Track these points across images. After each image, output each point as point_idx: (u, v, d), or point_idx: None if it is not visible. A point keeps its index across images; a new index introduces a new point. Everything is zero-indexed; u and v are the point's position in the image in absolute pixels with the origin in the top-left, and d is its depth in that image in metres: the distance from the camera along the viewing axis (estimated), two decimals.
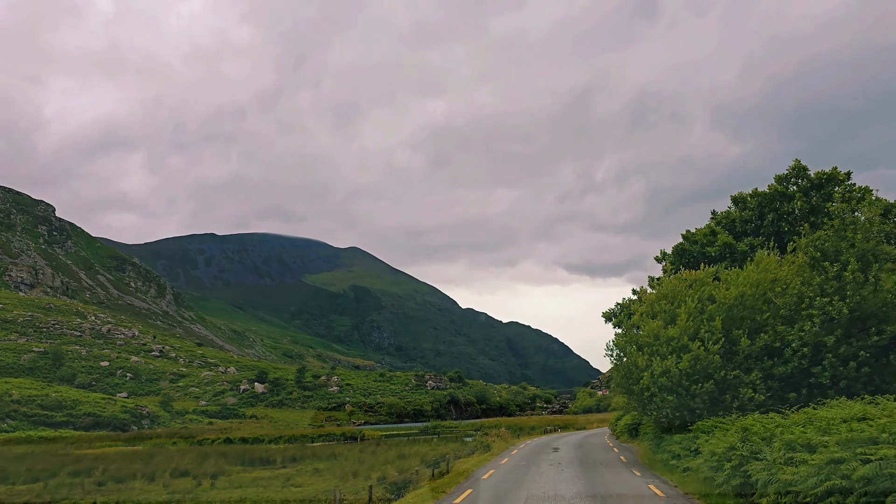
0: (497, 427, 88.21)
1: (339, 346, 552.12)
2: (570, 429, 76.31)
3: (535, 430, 78.20)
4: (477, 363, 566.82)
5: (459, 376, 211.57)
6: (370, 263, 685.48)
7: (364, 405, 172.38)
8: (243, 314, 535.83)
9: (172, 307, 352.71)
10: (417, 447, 51.84)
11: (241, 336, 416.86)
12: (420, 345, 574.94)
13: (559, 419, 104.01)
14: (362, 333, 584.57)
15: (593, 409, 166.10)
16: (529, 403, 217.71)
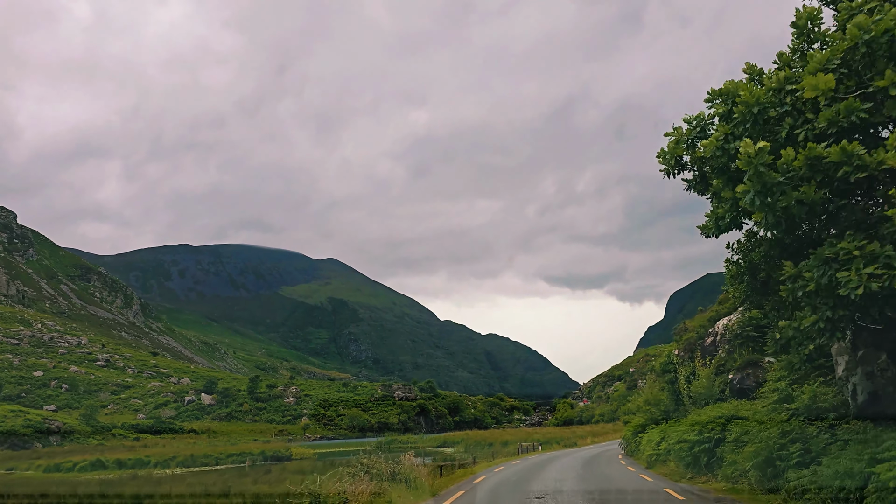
0: (460, 443, 70.94)
1: (315, 359, 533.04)
2: (555, 446, 59.13)
3: (509, 445, 61.12)
4: (455, 376, 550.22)
5: (431, 387, 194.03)
6: (348, 275, 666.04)
7: (324, 418, 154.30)
8: (218, 327, 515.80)
9: (140, 318, 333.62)
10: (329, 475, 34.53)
11: (212, 348, 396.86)
12: (398, 357, 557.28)
13: (538, 432, 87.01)
14: (339, 346, 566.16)
15: (575, 422, 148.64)
16: (506, 415, 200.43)
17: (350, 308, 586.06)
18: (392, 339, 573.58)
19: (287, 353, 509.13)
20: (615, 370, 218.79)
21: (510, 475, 30.15)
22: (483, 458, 46.55)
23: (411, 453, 26.07)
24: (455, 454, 63.49)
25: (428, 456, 62.71)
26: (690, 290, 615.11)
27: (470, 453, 62.51)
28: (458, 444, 72.77)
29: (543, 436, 70.63)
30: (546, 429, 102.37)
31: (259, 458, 64.08)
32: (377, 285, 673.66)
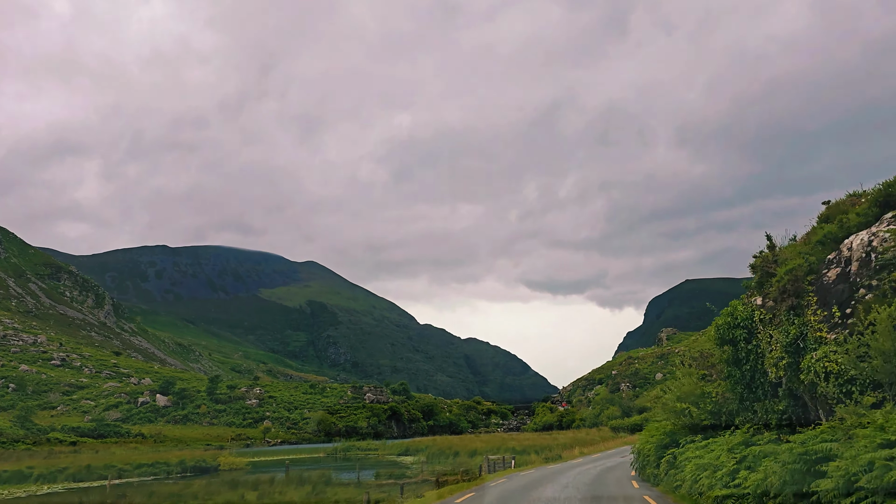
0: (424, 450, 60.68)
1: (293, 361, 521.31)
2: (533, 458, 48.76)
3: (477, 455, 50.88)
4: (434, 380, 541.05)
5: (405, 389, 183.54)
6: (328, 278, 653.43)
7: (288, 421, 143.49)
8: (194, 328, 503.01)
9: (111, 318, 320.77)
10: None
11: (186, 350, 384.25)
12: (377, 361, 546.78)
13: (515, 439, 76.96)
14: (318, 349, 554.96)
15: (555, 426, 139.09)
16: (483, 419, 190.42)
17: (329, 311, 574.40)
18: (371, 343, 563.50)
19: (264, 356, 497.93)
20: (596, 374, 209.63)
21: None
22: (438, 473, 36.01)
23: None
24: (414, 464, 53.36)
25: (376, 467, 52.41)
26: (669, 296, 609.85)
27: (431, 463, 52.37)
28: (422, 452, 62.67)
29: (520, 443, 60.58)
30: (524, 434, 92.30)
31: (177, 469, 53.34)
32: (357, 288, 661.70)
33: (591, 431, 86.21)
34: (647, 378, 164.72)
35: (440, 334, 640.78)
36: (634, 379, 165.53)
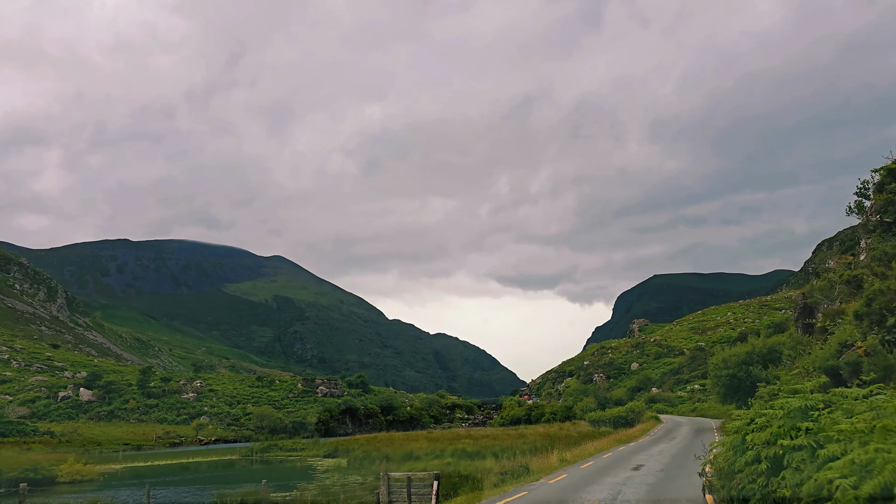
0: (356, 450, 46.18)
1: (258, 357, 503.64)
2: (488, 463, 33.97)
3: (421, 459, 36.40)
4: (403, 375, 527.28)
5: (362, 381, 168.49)
6: (295, 273, 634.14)
7: (228, 417, 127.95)
8: (156, 324, 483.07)
9: (64, 312, 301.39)
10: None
11: (145, 345, 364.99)
12: (344, 357, 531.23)
13: (473, 435, 62.79)
14: (284, 345, 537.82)
15: (523, 421, 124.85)
16: (447, 414, 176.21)
17: (296, 306, 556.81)
18: (339, 338, 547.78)
19: (229, 352, 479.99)
20: (566, 366, 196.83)
21: None
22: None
23: None
24: (329, 471, 38.96)
25: (279, 476, 37.87)
26: (637, 291, 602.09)
27: (351, 470, 38.11)
28: (352, 453, 48.70)
29: (476, 442, 46.62)
30: (486, 430, 78.14)
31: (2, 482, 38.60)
32: (324, 283, 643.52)
33: (565, 426, 72.38)
34: (622, 368, 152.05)
35: (409, 329, 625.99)
36: (609, 369, 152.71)
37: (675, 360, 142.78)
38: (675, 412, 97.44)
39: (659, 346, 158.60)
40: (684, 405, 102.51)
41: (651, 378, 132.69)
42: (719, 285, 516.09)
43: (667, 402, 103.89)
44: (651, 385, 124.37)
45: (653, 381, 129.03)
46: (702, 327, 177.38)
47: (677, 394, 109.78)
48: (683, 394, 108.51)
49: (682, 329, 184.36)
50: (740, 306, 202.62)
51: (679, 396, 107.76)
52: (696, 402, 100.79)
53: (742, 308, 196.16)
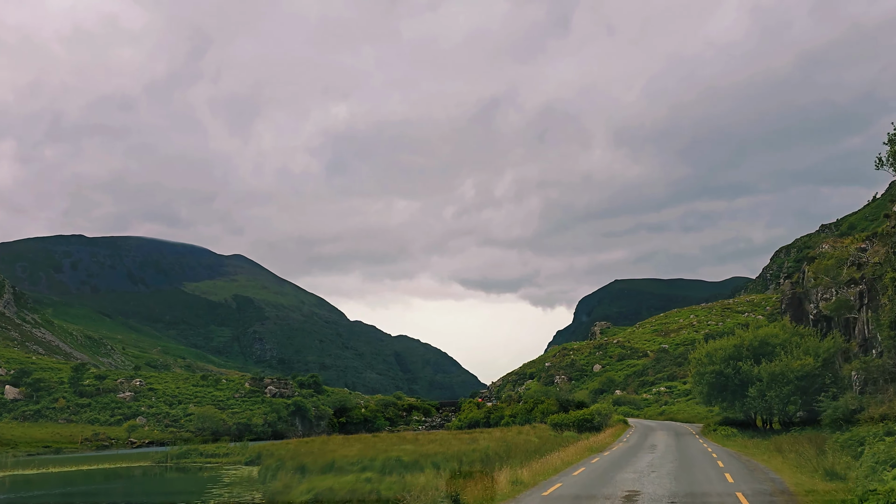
0: (273, 456, 37.88)
1: (216, 357, 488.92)
2: (423, 478, 26.13)
3: (345, 472, 28.29)
4: (363, 377, 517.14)
5: (315, 382, 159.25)
6: (255, 272, 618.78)
7: (167, 417, 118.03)
8: (110, 322, 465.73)
9: (11, 308, 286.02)
10: None
11: (97, 343, 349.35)
12: (304, 358, 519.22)
13: (421, 440, 54.92)
14: (243, 345, 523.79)
15: (481, 423, 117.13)
16: (404, 416, 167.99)
17: (256, 306, 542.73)
18: (299, 339, 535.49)
19: (185, 351, 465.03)
20: (527, 368, 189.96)
21: None
22: None
23: None
24: (238, 480, 30.76)
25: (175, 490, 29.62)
26: (598, 295, 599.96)
27: (265, 480, 29.91)
28: (265, 461, 40.55)
29: (420, 448, 38.67)
30: (438, 434, 70.29)
31: None
32: (285, 283, 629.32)
33: (524, 430, 64.67)
34: (585, 370, 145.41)
35: (370, 331, 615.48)
36: (571, 371, 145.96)
37: (639, 362, 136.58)
38: (641, 415, 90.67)
39: (622, 348, 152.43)
40: (650, 408, 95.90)
41: (615, 380, 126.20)
42: (679, 291, 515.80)
43: (632, 404, 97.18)
44: (614, 387, 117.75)
45: (616, 384, 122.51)
46: (665, 329, 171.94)
47: (642, 396, 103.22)
48: (649, 396, 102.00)
49: (645, 331, 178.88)
50: (703, 309, 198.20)
51: (644, 399, 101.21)
52: (663, 405, 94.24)
53: (705, 311, 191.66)
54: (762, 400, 39.47)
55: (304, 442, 53.86)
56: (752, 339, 42.93)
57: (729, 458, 28.94)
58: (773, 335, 42.32)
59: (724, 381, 42.83)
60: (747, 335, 44.01)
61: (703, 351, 46.73)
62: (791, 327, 42.98)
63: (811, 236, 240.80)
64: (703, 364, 45.08)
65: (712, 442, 41.23)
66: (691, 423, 73.06)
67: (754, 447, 34.35)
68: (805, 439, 29.25)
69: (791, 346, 40.19)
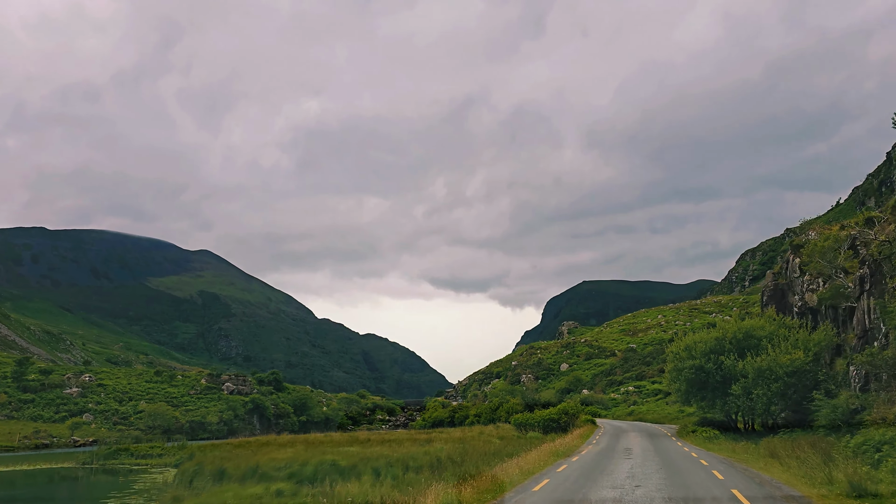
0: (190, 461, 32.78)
1: (180, 354, 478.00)
2: (360, 484, 21.54)
3: (259, 476, 23.48)
4: (330, 375, 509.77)
5: (276, 379, 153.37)
6: (222, 268, 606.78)
7: (116, 415, 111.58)
8: (72, 317, 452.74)
9: None
10: None
11: (56, 338, 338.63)
12: (271, 355, 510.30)
13: (380, 438, 50.26)
14: (208, 342, 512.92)
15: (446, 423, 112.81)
16: (367, 415, 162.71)
17: (222, 302, 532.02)
18: (265, 336, 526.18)
19: (148, 348, 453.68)
20: (494, 367, 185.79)
21: None
22: None
23: None
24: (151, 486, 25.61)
25: None
26: (567, 296, 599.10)
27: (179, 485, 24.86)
28: (183, 465, 35.57)
29: (365, 449, 33.78)
30: (394, 434, 65.61)
31: None
32: (252, 280, 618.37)
33: (487, 430, 60.32)
34: (552, 369, 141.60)
35: (338, 329, 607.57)
36: (537, 370, 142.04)
37: (607, 362, 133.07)
38: (609, 415, 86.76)
39: (590, 347, 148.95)
40: (619, 408, 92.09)
41: (582, 379, 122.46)
42: (645, 293, 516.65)
43: (600, 404, 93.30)
44: (582, 386, 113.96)
45: (584, 383, 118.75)
46: (633, 329, 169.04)
47: (610, 396, 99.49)
48: (617, 396, 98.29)
49: (613, 331, 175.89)
50: (670, 309, 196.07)
51: (612, 399, 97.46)
52: (631, 405, 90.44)
53: (672, 311, 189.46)
54: (747, 399, 35.45)
55: (244, 443, 48.77)
56: (735, 331, 38.94)
57: (722, 466, 24.70)
58: (758, 327, 38.33)
59: (705, 377, 38.73)
60: (730, 327, 39.94)
61: (681, 344, 42.54)
62: (778, 319, 39.06)
63: (776, 240, 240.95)
64: (681, 358, 40.94)
65: (694, 445, 37.05)
66: (662, 423, 69.17)
67: (744, 452, 30.22)
68: (805, 444, 25.15)
69: (778, 340, 36.24)
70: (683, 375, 40.19)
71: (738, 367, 36.57)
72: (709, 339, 40.03)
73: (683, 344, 42.12)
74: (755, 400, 34.62)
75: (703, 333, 42.72)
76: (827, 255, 32.68)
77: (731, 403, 37.23)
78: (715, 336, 39.93)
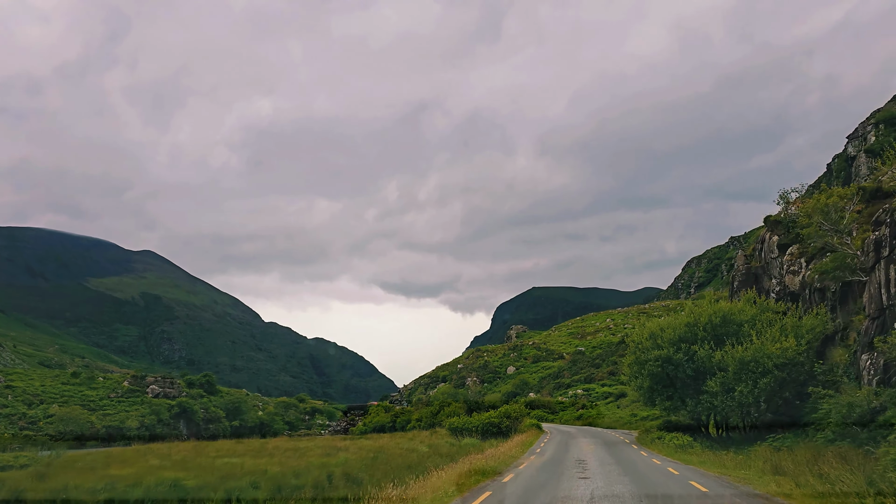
0: None
1: (120, 357, 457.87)
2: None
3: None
4: (276, 380, 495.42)
5: (208, 382, 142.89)
6: (166, 270, 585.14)
7: (24, 419, 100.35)
8: (4, 318, 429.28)
9: None
10: None
11: None
12: (215, 359, 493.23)
13: (296, 446, 42.03)
14: (150, 345, 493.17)
15: (388, 428, 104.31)
16: (305, 420, 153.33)
17: (165, 304, 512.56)
18: (210, 340, 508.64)
19: (86, 350, 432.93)
20: (440, 371, 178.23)
21: None
22: None
23: None
24: None
25: None
26: (516, 302, 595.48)
27: None
28: None
29: (239, 464, 25.94)
30: (318, 441, 57.34)
31: None
32: (197, 282, 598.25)
33: (421, 435, 52.83)
34: (498, 372, 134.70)
35: (286, 333, 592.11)
36: (483, 373, 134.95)
37: (555, 364, 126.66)
38: (557, 420, 79.88)
39: (537, 350, 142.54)
40: (567, 412, 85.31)
41: (529, 382, 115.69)
42: (593, 299, 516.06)
43: (546, 408, 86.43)
44: (529, 389, 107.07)
45: (531, 386, 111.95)
46: (581, 332, 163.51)
47: (558, 399, 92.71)
48: (565, 399, 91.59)
49: (561, 334, 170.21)
50: (619, 313, 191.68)
51: (560, 402, 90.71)
52: (580, 409, 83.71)
53: (621, 315, 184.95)
54: (726, 397, 28.47)
55: (115, 453, 40.08)
56: (711, 314, 31.79)
57: (726, 490, 17.44)
58: (738, 311, 31.31)
59: (673, 371, 31.51)
60: (704, 310, 32.65)
61: (644, 332, 35.37)
62: (760, 301, 32.29)
63: (721, 248, 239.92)
64: (644, 349, 33.62)
65: (665, 457, 29.73)
66: (614, 429, 62.46)
67: (737, 466, 23.02)
68: (832, 457, 18.19)
69: (762, 326, 29.47)
70: (647, 370, 33.03)
71: (715, 359, 29.61)
72: (678, 325, 32.94)
73: (647, 331, 34.98)
74: (738, 398, 27.72)
75: (670, 318, 35.74)
76: (831, 215, 26.05)
77: (704, 403, 30.23)
78: (685, 322, 32.82)
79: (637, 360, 34.29)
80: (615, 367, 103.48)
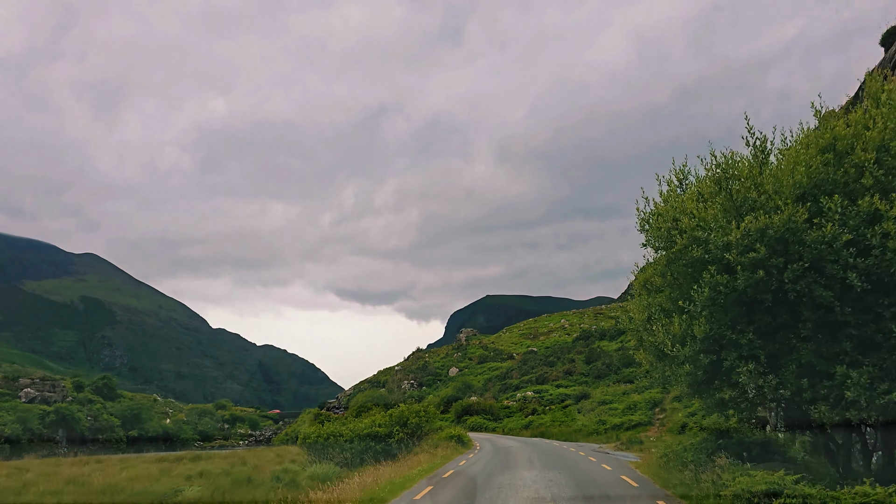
0: None
1: (57, 363, 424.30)
2: None
3: None
4: (223, 387, 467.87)
5: (107, 385, 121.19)
6: (109, 273, 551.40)
7: None
8: None
9: None
10: None
11: None
12: (159, 366, 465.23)
13: (124, 465, 22.90)
14: (90, 351, 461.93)
15: (298, 439, 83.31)
16: (224, 429, 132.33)
17: (106, 309, 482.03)
18: (154, 346, 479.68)
19: (18, 356, 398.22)
20: (382, 375, 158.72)
21: None
22: None
23: None
24: None
25: None
26: (471, 309, 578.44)
27: None
28: None
29: None
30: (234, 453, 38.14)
31: None
32: (142, 286, 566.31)
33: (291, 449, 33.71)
34: (439, 374, 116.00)
35: (234, 339, 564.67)
36: (422, 375, 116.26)
37: (503, 365, 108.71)
38: (500, 429, 61.50)
39: (484, 349, 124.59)
40: (513, 418, 67.06)
41: (473, 385, 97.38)
42: (547, 308, 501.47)
43: (488, 413, 68.21)
44: (472, 392, 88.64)
45: (474, 389, 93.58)
46: (534, 332, 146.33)
47: (503, 403, 74.50)
48: (513, 403, 73.37)
49: (513, 336, 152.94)
50: (574, 314, 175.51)
51: (505, 407, 72.52)
52: (529, 415, 65.62)
53: (577, 315, 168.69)
54: None
55: None
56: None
57: None
58: None
59: (808, 283, 11.47)
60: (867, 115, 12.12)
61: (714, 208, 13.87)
62: None
63: None
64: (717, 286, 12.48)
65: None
66: (575, 441, 44.55)
67: None
68: None
69: None
70: (728, 300, 12.72)
71: None
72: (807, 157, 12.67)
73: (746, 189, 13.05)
74: None
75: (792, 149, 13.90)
76: None
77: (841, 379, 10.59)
78: (825, 142, 12.73)
79: (691, 258, 12.88)
80: (572, 366, 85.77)
